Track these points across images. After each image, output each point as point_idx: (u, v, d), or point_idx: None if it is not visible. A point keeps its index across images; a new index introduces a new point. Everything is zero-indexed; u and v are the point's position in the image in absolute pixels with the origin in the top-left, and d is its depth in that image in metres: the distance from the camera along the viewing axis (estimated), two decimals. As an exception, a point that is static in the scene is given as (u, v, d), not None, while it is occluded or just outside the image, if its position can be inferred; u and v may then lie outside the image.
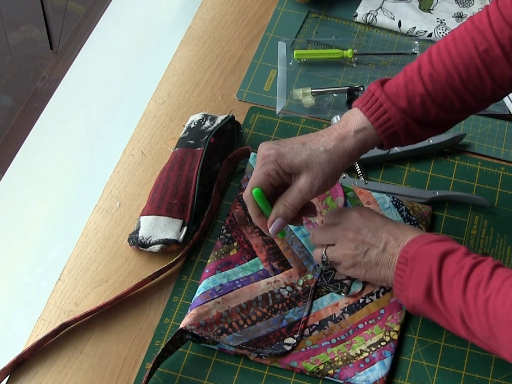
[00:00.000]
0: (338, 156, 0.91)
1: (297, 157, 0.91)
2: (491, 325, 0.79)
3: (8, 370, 0.93)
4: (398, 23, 1.29)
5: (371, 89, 0.92)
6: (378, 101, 0.91)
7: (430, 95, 0.91)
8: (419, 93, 0.91)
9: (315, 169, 0.91)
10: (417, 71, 0.91)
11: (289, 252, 1.02)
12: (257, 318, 0.96)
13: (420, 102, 0.91)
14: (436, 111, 0.92)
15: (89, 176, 1.23)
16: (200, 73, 1.24)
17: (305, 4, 1.32)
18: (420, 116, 0.92)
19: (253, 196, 0.92)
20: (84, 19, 1.35)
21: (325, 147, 0.91)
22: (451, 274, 0.84)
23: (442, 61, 0.90)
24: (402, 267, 0.88)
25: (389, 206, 1.06)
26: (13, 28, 1.18)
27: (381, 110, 0.91)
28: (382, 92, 0.91)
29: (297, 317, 0.96)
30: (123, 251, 1.04)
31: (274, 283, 0.99)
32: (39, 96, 1.25)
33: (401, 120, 0.91)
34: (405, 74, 0.92)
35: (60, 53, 1.29)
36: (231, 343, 0.93)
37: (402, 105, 0.91)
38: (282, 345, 0.94)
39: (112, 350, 0.96)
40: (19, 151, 1.19)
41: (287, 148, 0.91)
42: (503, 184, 1.11)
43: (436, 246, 0.87)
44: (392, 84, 0.92)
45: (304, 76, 1.23)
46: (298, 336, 0.95)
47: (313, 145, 0.92)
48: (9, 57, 1.18)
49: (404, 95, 0.91)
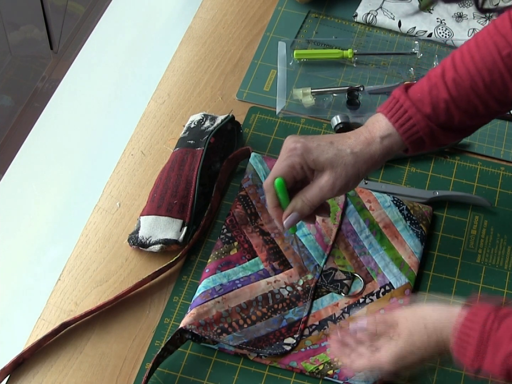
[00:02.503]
0: (363, 160, 0.91)
1: (323, 154, 0.90)
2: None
3: (8, 370, 0.93)
4: (398, 23, 1.29)
5: (395, 95, 0.92)
6: (403, 108, 0.91)
7: (454, 101, 0.90)
8: (443, 98, 0.90)
9: (339, 169, 0.90)
10: (441, 76, 0.91)
11: (290, 252, 1.02)
12: (257, 318, 0.96)
13: (444, 107, 0.90)
14: (460, 117, 0.91)
15: (89, 176, 1.23)
16: (200, 73, 1.24)
17: (305, 4, 1.32)
18: (444, 122, 0.91)
19: (275, 186, 0.92)
20: (84, 19, 1.35)
21: (351, 149, 0.91)
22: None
23: (465, 66, 0.90)
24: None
25: (390, 205, 1.06)
26: (13, 28, 1.18)
27: (405, 117, 0.91)
28: (406, 98, 0.91)
29: (297, 317, 0.96)
30: (123, 251, 1.04)
31: (274, 283, 0.99)
32: (39, 96, 1.25)
33: (425, 126, 0.91)
34: (429, 79, 0.92)
35: (60, 53, 1.29)
36: (231, 342, 0.93)
37: (427, 111, 0.90)
38: (282, 345, 0.94)
39: (112, 350, 0.96)
40: (19, 151, 1.20)
41: (314, 144, 0.91)
42: (503, 184, 1.11)
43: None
44: (416, 90, 0.92)
45: (304, 76, 1.23)
46: (298, 336, 0.95)
47: (340, 146, 0.91)
48: (9, 57, 1.19)
49: (428, 101, 0.90)
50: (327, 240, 1.03)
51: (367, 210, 1.06)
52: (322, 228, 1.04)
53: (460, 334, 0.80)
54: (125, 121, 1.24)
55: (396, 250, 1.02)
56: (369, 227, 1.04)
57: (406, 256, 1.02)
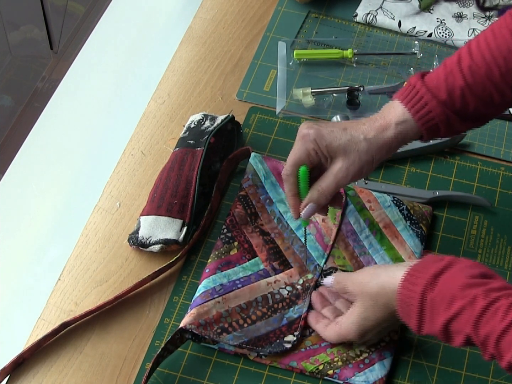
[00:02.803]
0: (376, 146, 0.91)
1: (336, 140, 0.91)
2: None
3: (8, 370, 0.93)
4: (398, 23, 1.29)
5: (411, 82, 0.92)
6: (419, 94, 0.91)
7: (470, 87, 0.90)
8: (459, 85, 0.90)
9: (352, 155, 0.91)
10: (457, 63, 0.91)
11: (290, 251, 1.02)
12: (257, 317, 0.96)
13: (460, 94, 0.90)
14: (476, 104, 0.91)
15: (89, 176, 1.23)
16: (200, 73, 1.24)
17: (305, 4, 1.32)
18: (459, 109, 0.91)
19: (299, 174, 0.92)
20: (84, 19, 1.35)
21: (365, 136, 0.91)
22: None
23: (481, 54, 0.90)
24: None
25: (390, 205, 1.06)
26: (13, 28, 1.18)
27: (421, 103, 0.91)
28: (422, 85, 0.91)
29: (297, 314, 0.96)
30: (123, 251, 1.04)
31: (274, 283, 0.99)
32: (39, 96, 1.25)
33: (441, 113, 0.91)
34: (445, 67, 0.92)
35: (60, 53, 1.29)
36: (231, 342, 0.93)
37: (443, 97, 0.90)
38: (282, 343, 0.94)
39: (112, 350, 0.96)
40: (19, 151, 1.20)
41: (327, 129, 0.91)
42: (503, 184, 1.11)
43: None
44: (432, 77, 0.92)
45: (304, 76, 1.23)
46: (298, 333, 0.95)
47: (354, 132, 0.91)
48: (9, 57, 1.19)
49: (444, 88, 0.90)
50: (327, 240, 1.03)
51: (367, 210, 1.06)
52: (322, 228, 1.04)
53: (402, 298, 0.83)
54: (125, 121, 1.24)
55: (396, 250, 1.02)
56: (369, 227, 1.04)
57: (406, 256, 1.02)
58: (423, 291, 0.82)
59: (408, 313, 0.83)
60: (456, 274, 0.82)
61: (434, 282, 0.81)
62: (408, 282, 0.83)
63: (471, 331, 0.78)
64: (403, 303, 0.84)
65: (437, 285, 0.81)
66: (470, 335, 0.79)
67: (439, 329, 0.81)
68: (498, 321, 0.76)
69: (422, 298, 0.82)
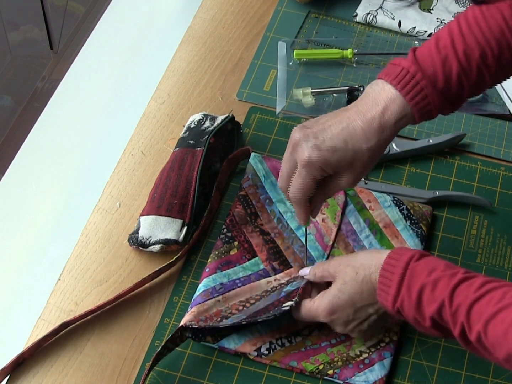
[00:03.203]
0: (378, 150, 0.89)
1: (341, 160, 0.88)
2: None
3: (8, 370, 0.93)
4: (398, 23, 1.29)
5: (411, 71, 0.88)
6: (419, 85, 0.87)
7: (465, 73, 0.89)
8: (456, 72, 0.88)
9: (358, 168, 0.89)
10: (452, 47, 0.88)
11: (290, 251, 1.02)
12: (256, 300, 0.96)
13: (456, 80, 0.88)
14: (470, 88, 0.90)
15: (89, 176, 1.23)
16: (200, 73, 1.24)
17: (305, 4, 1.32)
18: (454, 95, 0.90)
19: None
20: (84, 19, 1.35)
21: (367, 146, 0.88)
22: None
23: (474, 36, 0.88)
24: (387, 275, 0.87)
25: (390, 205, 1.06)
26: (13, 28, 1.18)
27: (422, 95, 0.88)
28: (423, 77, 0.87)
29: (295, 287, 0.96)
30: (123, 251, 1.04)
31: (274, 281, 0.99)
32: (39, 96, 1.25)
33: (438, 102, 0.89)
34: (439, 51, 0.89)
35: (60, 53, 1.29)
36: (229, 322, 0.92)
37: (440, 86, 0.88)
38: (281, 307, 0.93)
39: (112, 350, 0.96)
40: (19, 151, 1.20)
41: (329, 150, 0.87)
42: (503, 184, 1.11)
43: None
44: (427, 63, 0.88)
45: (304, 76, 1.23)
46: (297, 299, 0.93)
47: (356, 145, 0.88)
48: (9, 57, 1.19)
49: (442, 76, 0.88)
50: (327, 240, 1.03)
51: (367, 210, 1.06)
52: (322, 228, 1.04)
53: (386, 266, 0.85)
54: (125, 121, 1.24)
55: (396, 250, 1.02)
56: (369, 227, 1.04)
57: (406, 256, 1.02)
58: (407, 260, 0.84)
59: (388, 284, 0.84)
60: (442, 260, 0.85)
61: (419, 257, 0.84)
62: (396, 253, 0.86)
63: (446, 298, 0.79)
64: (385, 272, 0.85)
65: (421, 259, 0.84)
66: (444, 303, 0.80)
67: (414, 297, 0.82)
68: (472, 291, 0.78)
69: (405, 266, 0.83)
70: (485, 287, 0.78)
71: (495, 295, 0.77)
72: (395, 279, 0.84)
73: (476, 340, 0.77)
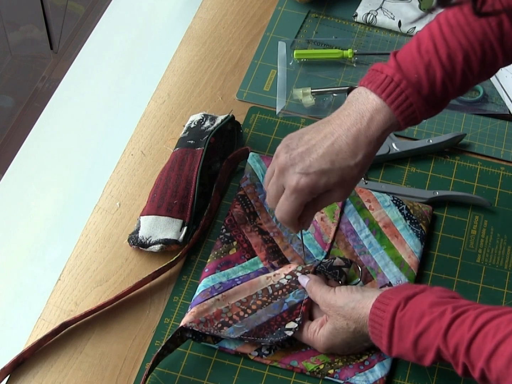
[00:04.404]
0: (367, 163, 0.88)
1: (330, 181, 0.86)
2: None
3: (8, 369, 0.93)
4: (398, 23, 1.29)
5: (395, 80, 0.85)
6: (404, 94, 0.85)
7: (450, 77, 0.87)
8: (440, 77, 0.86)
9: (348, 184, 0.87)
10: (435, 52, 0.86)
11: (289, 250, 1.02)
12: (258, 306, 0.95)
13: (441, 85, 0.87)
14: (454, 91, 0.89)
15: (89, 176, 1.23)
16: (200, 73, 1.24)
17: (305, 4, 1.32)
18: (439, 99, 0.88)
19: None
20: (84, 19, 1.36)
21: (354, 161, 0.85)
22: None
23: (457, 39, 0.87)
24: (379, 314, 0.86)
25: (390, 205, 1.06)
26: (13, 28, 1.18)
27: (407, 103, 0.86)
28: (408, 85, 0.85)
29: (298, 299, 0.96)
30: (123, 251, 1.04)
31: (274, 276, 0.99)
32: (39, 96, 1.26)
33: (423, 108, 0.87)
34: (422, 56, 0.87)
35: (60, 53, 1.29)
36: (232, 335, 0.92)
37: (425, 92, 0.86)
38: (284, 330, 0.93)
39: (112, 350, 0.96)
40: (19, 151, 1.20)
41: (317, 173, 0.85)
42: (503, 184, 1.11)
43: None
44: (411, 70, 0.86)
45: (304, 76, 1.23)
46: (300, 320, 0.93)
47: (343, 163, 0.85)
48: (9, 57, 1.19)
49: (426, 83, 0.86)
50: (326, 239, 1.03)
51: (367, 209, 1.06)
52: (321, 226, 1.04)
53: (374, 317, 0.85)
54: (125, 121, 1.24)
55: (396, 250, 1.02)
56: (368, 226, 1.04)
57: (406, 255, 1.02)
58: (393, 311, 0.83)
59: (379, 334, 0.85)
60: (426, 296, 0.84)
61: (405, 303, 0.84)
62: (381, 303, 0.85)
63: (441, 343, 0.79)
64: (374, 323, 0.85)
65: (407, 305, 0.83)
66: (440, 348, 0.80)
67: (409, 346, 0.82)
68: (466, 330, 0.78)
69: (392, 317, 0.83)
70: (477, 322, 0.78)
71: (490, 330, 0.77)
72: (384, 332, 0.84)
73: (480, 376, 0.77)
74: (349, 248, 1.03)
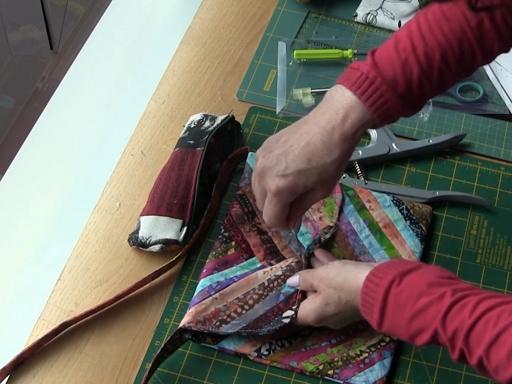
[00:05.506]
0: (345, 160, 0.87)
1: (309, 180, 0.86)
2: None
3: (8, 369, 0.93)
4: (398, 23, 1.29)
5: (370, 76, 0.86)
6: (379, 91, 0.86)
7: (426, 75, 0.87)
8: (417, 75, 0.86)
9: (327, 182, 0.87)
10: (412, 50, 0.86)
11: (287, 250, 1.02)
12: (254, 301, 0.96)
13: (417, 83, 0.86)
14: (431, 90, 0.88)
15: (89, 176, 1.23)
16: (200, 73, 1.24)
17: (305, 4, 1.32)
18: (416, 98, 0.88)
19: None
20: (84, 19, 1.36)
21: (331, 158, 0.85)
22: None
23: (435, 37, 0.86)
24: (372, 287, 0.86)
25: (390, 205, 1.06)
26: (13, 28, 1.18)
27: (382, 101, 0.86)
28: (383, 82, 0.86)
29: (294, 289, 0.96)
30: (123, 251, 1.04)
31: (271, 270, 0.98)
32: (39, 96, 1.26)
33: (399, 106, 0.87)
34: (399, 54, 0.87)
35: (60, 53, 1.29)
36: (230, 331, 0.92)
37: (401, 90, 0.86)
38: (281, 319, 0.93)
39: (112, 350, 0.96)
40: (19, 151, 1.20)
41: (294, 174, 0.85)
42: (503, 184, 1.11)
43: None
44: (387, 67, 0.86)
45: (304, 76, 1.23)
46: (296, 307, 0.93)
47: (319, 161, 0.85)
48: (9, 57, 1.19)
49: (402, 80, 0.86)
50: (326, 239, 1.03)
51: (367, 209, 1.06)
52: (320, 226, 1.04)
53: (366, 291, 0.84)
54: (125, 121, 1.24)
55: (396, 250, 1.02)
56: (369, 226, 1.04)
57: (406, 255, 1.02)
58: (388, 286, 0.82)
59: (371, 309, 0.83)
60: (424, 274, 0.82)
61: (400, 279, 0.82)
62: (375, 276, 0.84)
63: (439, 326, 0.78)
64: (366, 296, 0.84)
65: (402, 282, 0.82)
66: (438, 331, 0.79)
67: (403, 324, 0.81)
68: (467, 316, 0.77)
69: (386, 292, 0.82)
70: (479, 308, 0.77)
71: (491, 317, 0.76)
72: (376, 306, 0.83)
73: (477, 364, 0.77)
74: (349, 248, 1.03)
